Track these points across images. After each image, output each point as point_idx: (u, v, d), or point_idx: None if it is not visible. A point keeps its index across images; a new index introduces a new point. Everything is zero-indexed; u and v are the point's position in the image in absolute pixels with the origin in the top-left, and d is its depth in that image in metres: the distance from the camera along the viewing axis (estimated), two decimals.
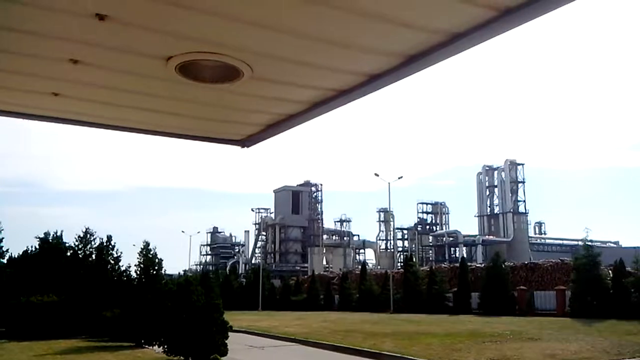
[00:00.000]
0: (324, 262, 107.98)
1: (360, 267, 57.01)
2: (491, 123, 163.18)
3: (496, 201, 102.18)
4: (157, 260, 26.27)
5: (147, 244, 26.64)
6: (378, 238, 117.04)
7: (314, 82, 3.76)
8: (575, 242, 70.06)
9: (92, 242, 30.33)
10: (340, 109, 4.12)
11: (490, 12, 2.79)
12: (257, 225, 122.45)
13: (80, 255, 30.06)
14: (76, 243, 30.45)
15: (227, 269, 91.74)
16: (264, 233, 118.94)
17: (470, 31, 2.94)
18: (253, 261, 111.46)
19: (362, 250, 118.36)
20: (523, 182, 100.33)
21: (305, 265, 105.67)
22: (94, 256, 29.69)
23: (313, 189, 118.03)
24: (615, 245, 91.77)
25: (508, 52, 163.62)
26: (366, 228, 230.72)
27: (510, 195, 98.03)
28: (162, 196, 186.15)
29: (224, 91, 3.87)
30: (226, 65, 3.41)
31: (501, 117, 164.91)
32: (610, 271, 31.22)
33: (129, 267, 29.02)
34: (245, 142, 4.96)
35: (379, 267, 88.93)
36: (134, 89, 3.92)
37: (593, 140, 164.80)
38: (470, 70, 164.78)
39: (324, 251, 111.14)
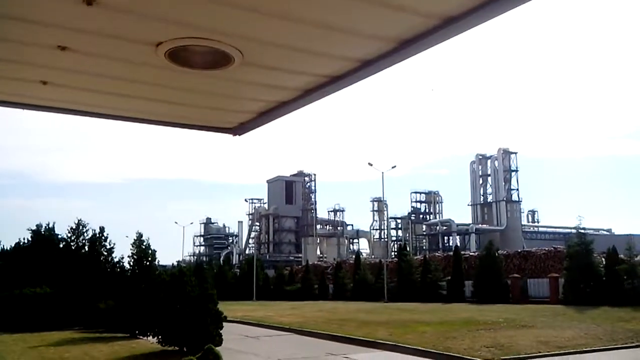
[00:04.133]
0: (318, 252, 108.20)
1: (354, 256, 57.07)
2: (485, 112, 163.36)
3: (489, 190, 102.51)
4: (150, 251, 26.23)
5: (140, 235, 26.60)
6: (372, 228, 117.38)
7: (306, 68, 3.71)
8: (569, 230, 70.20)
9: (85, 234, 30.29)
10: (333, 97, 4.08)
11: None
12: (250, 216, 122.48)
13: (73, 247, 30.00)
14: (69, 235, 30.41)
15: (221, 259, 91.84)
16: (258, 223, 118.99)
17: (464, 14, 2.90)
18: (247, 252, 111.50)
19: (356, 240, 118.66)
20: (516, 171, 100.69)
21: (299, 255, 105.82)
22: (86, 248, 29.66)
23: (306, 179, 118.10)
24: (608, 233, 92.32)
25: (502, 40, 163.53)
26: (360, 218, 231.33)
27: (503, 183, 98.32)
28: (155, 187, 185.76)
29: (215, 78, 3.82)
30: (217, 51, 3.36)
31: (495, 106, 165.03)
32: (603, 258, 31.35)
33: (122, 258, 29.05)
34: (237, 130, 4.90)
35: (373, 256, 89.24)
36: (124, 76, 3.86)
37: (587, 129, 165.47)
38: (464, 59, 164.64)
39: (318, 241, 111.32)
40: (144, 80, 3.96)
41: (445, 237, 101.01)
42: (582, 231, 33.10)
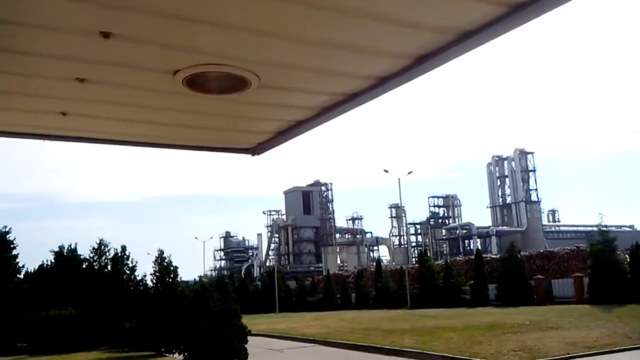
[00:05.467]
0: (338, 261, 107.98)
1: (374, 264, 56.87)
2: (499, 113, 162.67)
3: (507, 191, 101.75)
4: (172, 268, 26.33)
5: (161, 252, 26.74)
6: (391, 234, 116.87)
7: (323, 87, 3.73)
8: (590, 228, 69.56)
9: (107, 253, 30.52)
10: None
11: (501, 9, 2.74)
12: (269, 228, 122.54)
13: (95, 267, 30.22)
14: (91, 255, 30.63)
15: (242, 272, 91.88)
16: (277, 235, 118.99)
17: (481, 29, 2.89)
18: (267, 264, 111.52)
19: (375, 247, 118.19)
20: (534, 171, 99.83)
21: (320, 265, 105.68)
22: (109, 267, 29.87)
23: (323, 188, 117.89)
24: (630, 229, 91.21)
25: (514, 41, 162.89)
26: (379, 225, 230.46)
27: (521, 184, 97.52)
28: (174, 204, 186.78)
29: (232, 101, 3.84)
30: (233, 76, 3.38)
31: (509, 107, 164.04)
32: (627, 255, 30.98)
33: (145, 276, 29.23)
34: (256, 150, 4.93)
35: (393, 263, 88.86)
36: (142, 103, 3.90)
37: (603, 124, 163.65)
38: (477, 62, 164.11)
39: (338, 250, 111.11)
40: (163, 107, 3.99)
41: (466, 241, 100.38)
42: (604, 229, 32.73)
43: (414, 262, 63.44)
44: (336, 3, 2.70)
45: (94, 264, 30.44)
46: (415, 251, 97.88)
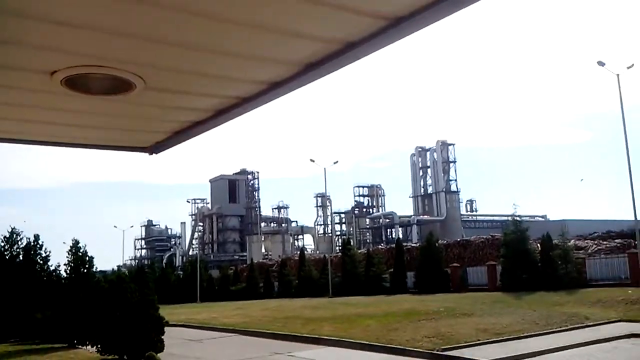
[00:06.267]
0: (263, 250, 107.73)
1: (299, 253, 57.16)
2: (425, 106, 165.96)
3: (429, 181, 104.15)
4: (87, 258, 25.57)
5: (76, 242, 25.92)
6: (316, 223, 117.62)
7: (214, 91, 3.69)
8: (505, 218, 72.16)
9: (19, 242, 29.30)
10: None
11: (381, 22, 2.80)
12: (193, 216, 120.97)
13: (6, 257, 28.98)
14: (2, 244, 29.34)
15: (164, 262, 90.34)
16: (201, 224, 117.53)
17: (364, 40, 2.94)
18: (190, 253, 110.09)
19: (300, 236, 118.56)
20: (454, 162, 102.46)
21: (244, 254, 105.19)
22: (21, 257, 28.72)
23: (249, 177, 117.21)
24: (542, 219, 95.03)
25: (437, 35, 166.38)
26: (304, 214, 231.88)
27: (442, 174, 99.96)
28: (95, 191, 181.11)
29: (118, 102, 3.74)
30: (116, 78, 3.29)
31: (435, 99, 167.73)
32: (538, 245, 32.35)
33: (59, 266, 28.26)
34: (153, 149, 4.84)
35: (317, 252, 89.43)
36: (23, 103, 3.74)
37: (523, 118, 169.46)
38: (403, 53, 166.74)
39: (263, 239, 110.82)
40: (44, 106, 3.84)
41: (389, 230, 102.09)
42: (518, 218, 34.10)
43: (338, 251, 64.09)
44: (220, 13, 2.67)
45: (5, 253, 29.19)
46: (340, 240, 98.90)
